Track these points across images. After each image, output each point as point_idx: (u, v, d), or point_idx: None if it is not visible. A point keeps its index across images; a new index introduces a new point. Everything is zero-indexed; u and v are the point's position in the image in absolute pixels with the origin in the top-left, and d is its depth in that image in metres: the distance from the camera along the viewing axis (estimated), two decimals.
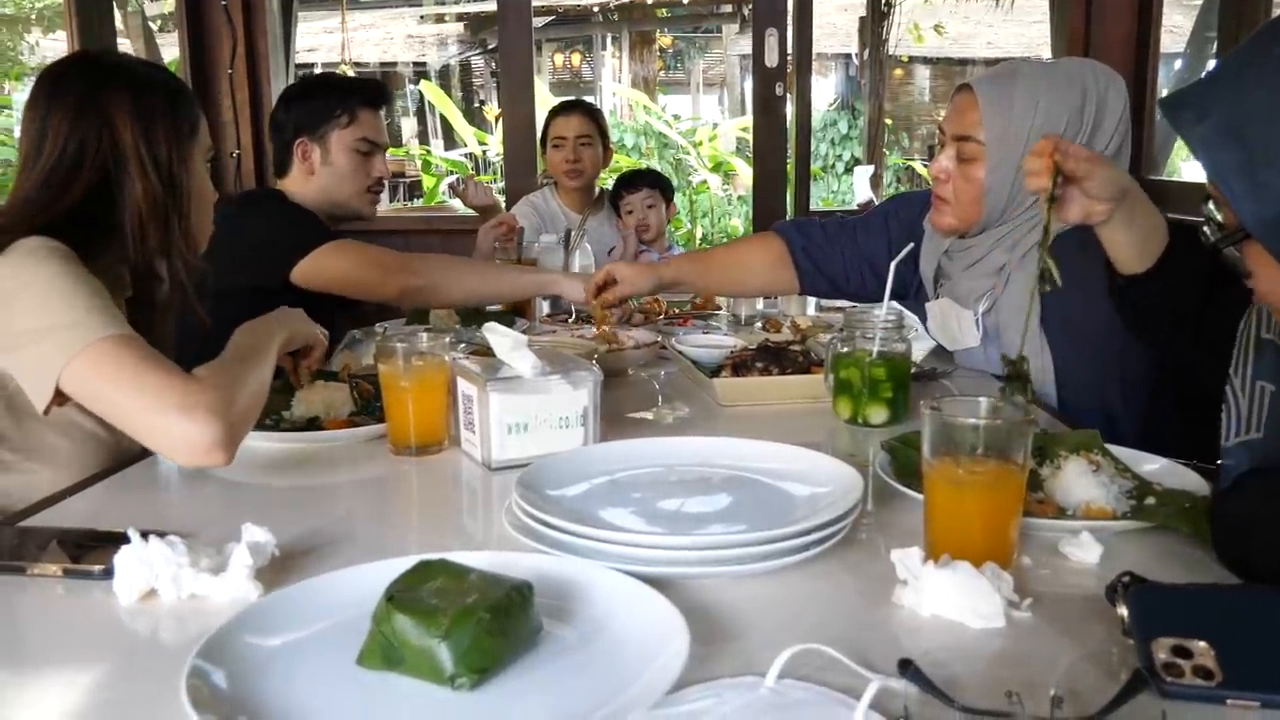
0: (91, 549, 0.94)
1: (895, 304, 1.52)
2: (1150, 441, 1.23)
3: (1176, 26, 4.77)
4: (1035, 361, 1.61)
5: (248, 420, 1.19)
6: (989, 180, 1.64)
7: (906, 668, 0.71)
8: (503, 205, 3.26)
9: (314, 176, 2.21)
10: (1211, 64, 3.39)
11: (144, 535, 0.89)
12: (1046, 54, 3.98)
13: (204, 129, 1.47)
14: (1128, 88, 1.66)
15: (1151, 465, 1.14)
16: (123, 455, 1.36)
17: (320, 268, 2.02)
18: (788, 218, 3.91)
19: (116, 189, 1.35)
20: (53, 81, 1.38)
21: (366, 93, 2.25)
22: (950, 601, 0.81)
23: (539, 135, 3.24)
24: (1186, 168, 5.81)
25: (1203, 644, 0.69)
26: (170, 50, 5.37)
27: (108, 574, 0.89)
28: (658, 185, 3.15)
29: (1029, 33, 9.11)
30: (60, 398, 1.18)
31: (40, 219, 1.30)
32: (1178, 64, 4.16)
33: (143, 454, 1.30)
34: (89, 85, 1.38)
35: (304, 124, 2.21)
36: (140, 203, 1.36)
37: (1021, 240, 1.67)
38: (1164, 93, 3.86)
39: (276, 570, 0.91)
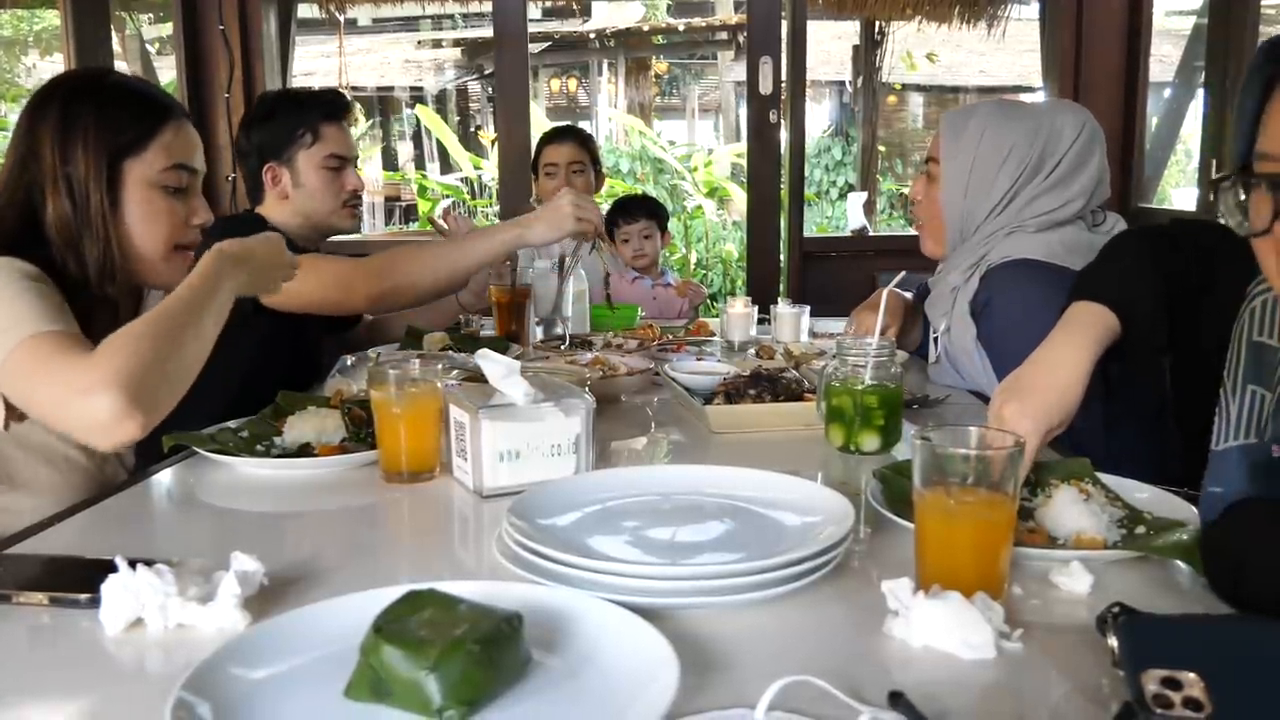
0: (78, 577, 0.94)
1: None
2: (1101, 453, 1.24)
3: (1165, 56, 4.81)
4: (980, 380, 1.75)
5: (161, 379, 1.14)
6: (944, 197, 1.82)
7: (897, 700, 0.71)
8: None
9: (288, 200, 2.16)
10: (1200, 94, 3.43)
11: (131, 564, 0.88)
12: (1038, 83, 4.02)
13: (160, 145, 1.40)
14: (1117, 117, 1.73)
15: (1142, 494, 1.14)
16: (106, 483, 1.35)
17: (285, 288, 1.98)
18: (782, 243, 3.94)
19: (40, 211, 1.33)
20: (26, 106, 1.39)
21: (326, 107, 2.18)
22: (941, 632, 0.81)
23: (531, 162, 3.24)
24: (1176, 195, 5.86)
25: (1192, 675, 0.69)
26: (167, 73, 5.39)
27: (94, 603, 0.88)
28: (654, 215, 3.16)
29: (1020, 62, 9.18)
30: (14, 411, 1.18)
31: None
32: (1166, 93, 4.20)
33: (127, 482, 1.30)
34: (32, 104, 1.38)
35: (269, 148, 2.15)
36: (53, 224, 1.33)
37: (960, 263, 1.83)
38: (1153, 121, 3.90)
39: (265, 600, 0.91)
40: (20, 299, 1.19)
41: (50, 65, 8.88)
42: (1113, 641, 0.76)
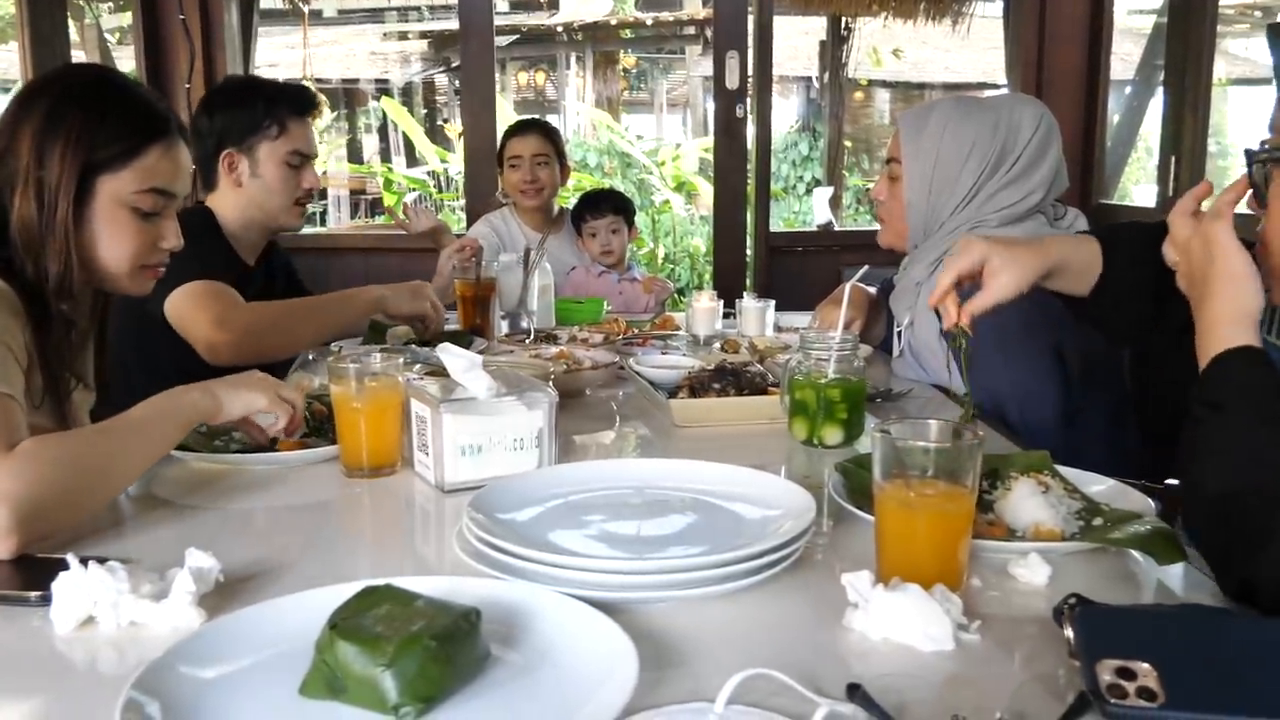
0: (28, 575, 0.92)
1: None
2: (1060, 451, 1.25)
3: (1127, 54, 4.87)
4: (943, 374, 1.76)
5: (65, 509, 1.04)
6: (907, 195, 1.83)
7: (855, 692, 0.71)
8: (454, 227, 3.24)
9: (241, 189, 2.10)
10: (1160, 92, 3.47)
11: (83, 561, 0.87)
12: (1001, 80, 4.05)
13: (141, 166, 1.33)
14: (1079, 114, 1.74)
15: (1099, 486, 1.16)
16: None
17: (173, 308, 1.88)
18: (749, 237, 3.94)
19: (8, 210, 1.26)
20: (16, 96, 1.33)
21: (295, 102, 2.13)
22: (900, 624, 0.82)
23: (496, 155, 3.23)
24: (1137, 192, 5.94)
25: (1146, 665, 0.70)
26: (127, 64, 5.30)
27: (45, 601, 0.86)
28: (621, 210, 3.15)
29: (985, 59, 9.25)
30: None
31: None
32: (1127, 91, 4.25)
33: None
34: (22, 96, 1.31)
35: (229, 134, 2.09)
36: (17, 226, 1.25)
37: (924, 258, 1.85)
38: (1114, 119, 3.94)
39: (221, 597, 0.90)
40: None
41: (5, 53, 8.70)
42: (1069, 632, 0.76)
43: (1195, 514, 0.94)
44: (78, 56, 4.55)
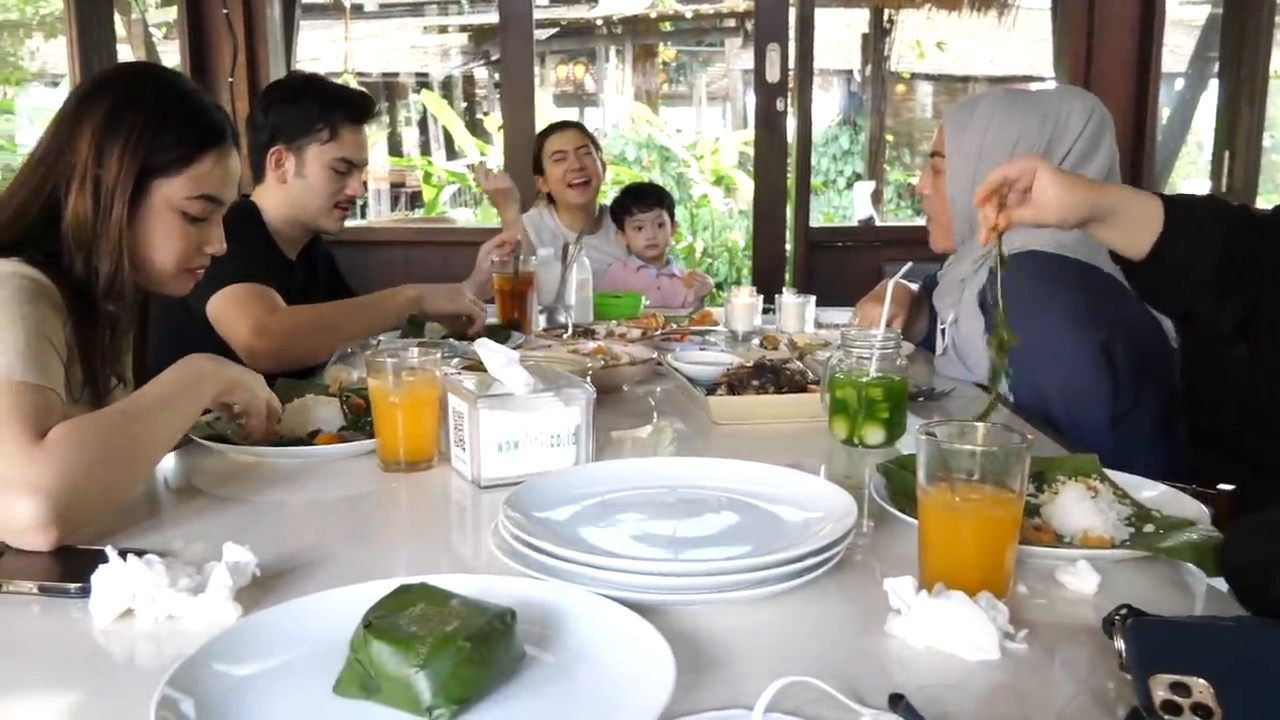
0: (68, 567, 0.93)
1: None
2: (1108, 454, 1.21)
3: (1178, 46, 4.76)
4: (987, 372, 1.67)
5: (99, 498, 1.04)
6: (950, 191, 1.80)
7: (898, 703, 0.70)
8: (493, 220, 3.23)
9: (285, 187, 2.12)
10: (1213, 85, 3.39)
11: (122, 554, 0.87)
12: (1048, 73, 3.98)
13: (195, 173, 1.34)
14: (1129, 108, 1.69)
15: (1150, 491, 1.12)
16: None
17: (215, 310, 1.90)
18: (788, 232, 3.91)
19: (63, 205, 1.27)
20: (76, 91, 1.35)
21: (350, 109, 2.14)
22: (944, 632, 0.79)
23: (533, 158, 3.20)
24: (1186, 187, 5.82)
25: (1201, 682, 0.67)
26: (171, 58, 5.37)
27: (84, 593, 0.87)
28: (664, 204, 3.14)
29: (1031, 51, 9.08)
30: None
31: (5, 233, 1.25)
32: (1179, 84, 4.16)
33: None
34: (84, 92, 1.33)
35: (281, 131, 2.11)
36: (70, 223, 1.27)
37: (968, 254, 1.81)
38: (1165, 113, 3.86)
39: (258, 591, 0.90)
40: (10, 328, 1.11)
41: (54, 48, 8.85)
42: (1120, 644, 0.74)
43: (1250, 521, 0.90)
44: (123, 51, 4.61)
